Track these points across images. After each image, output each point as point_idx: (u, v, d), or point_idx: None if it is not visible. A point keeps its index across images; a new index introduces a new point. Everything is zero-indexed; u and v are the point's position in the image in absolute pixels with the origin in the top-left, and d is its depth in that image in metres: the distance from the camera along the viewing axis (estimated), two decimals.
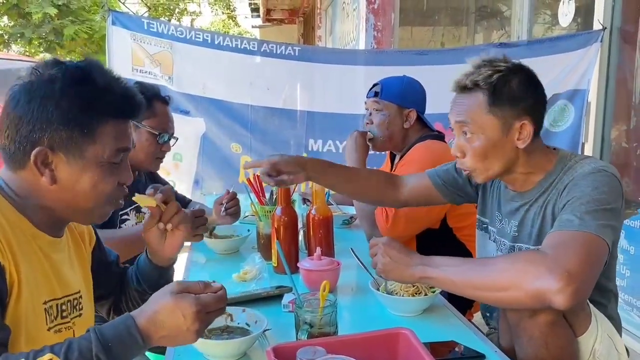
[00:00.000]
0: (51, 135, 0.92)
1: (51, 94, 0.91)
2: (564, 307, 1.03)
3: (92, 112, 0.94)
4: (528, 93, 1.29)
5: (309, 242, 1.71)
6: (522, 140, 1.28)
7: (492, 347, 1.18)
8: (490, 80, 1.26)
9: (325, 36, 8.12)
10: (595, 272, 1.09)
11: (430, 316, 1.34)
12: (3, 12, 12.77)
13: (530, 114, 1.28)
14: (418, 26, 5.51)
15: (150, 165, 1.87)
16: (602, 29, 3.03)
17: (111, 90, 0.96)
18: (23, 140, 0.92)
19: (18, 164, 0.95)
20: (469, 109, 1.30)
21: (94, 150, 0.95)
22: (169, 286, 0.92)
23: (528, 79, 1.30)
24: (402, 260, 1.24)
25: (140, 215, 1.82)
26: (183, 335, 0.89)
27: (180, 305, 0.88)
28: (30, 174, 0.94)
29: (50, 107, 0.91)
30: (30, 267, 0.93)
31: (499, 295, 1.10)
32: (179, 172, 3.44)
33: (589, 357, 1.20)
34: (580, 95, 3.18)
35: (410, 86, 2.05)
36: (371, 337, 1.02)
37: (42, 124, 0.91)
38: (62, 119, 0.92)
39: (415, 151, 1.95)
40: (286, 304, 1.36)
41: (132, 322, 0.87)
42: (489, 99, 1.27)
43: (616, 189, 1.21)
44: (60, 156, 0.94)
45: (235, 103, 3.45)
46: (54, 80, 0.92)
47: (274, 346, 0.95)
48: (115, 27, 3.25)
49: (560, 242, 1.11)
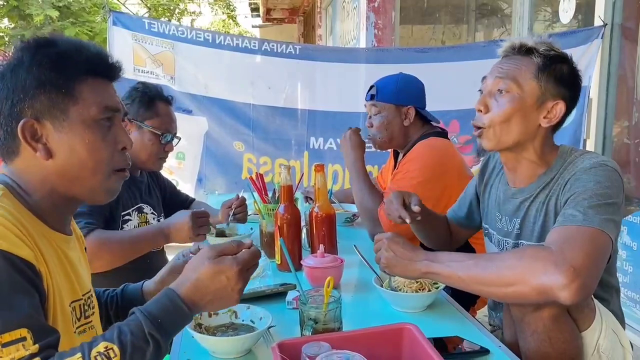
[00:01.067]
0: (30, 103, 0.89)
1: (20, 63, 0.89)
2: (570, 302, 1.03)
3: (66, 70, 0.91)
4: (573, 83, 1.32)
5: (312, 239, 1.72)
6: (548, 120, 1.30)
7: (497, 342, 1.18)
8: (548, 52, 1.29)
9: (325, 35, 8.12)
10: (600, 267, 1.09)
11: (434, 312, 1.34)
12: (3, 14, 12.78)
13: (565, 101, 1.30)
14: (418, 24, 5.51)
15: (153, 165, 1.87)
16: (603, 25, 3.03)
17: (82, 49, 0.93)
18: (7, 121, 0.89)
19: (12, 151, 0.92)
20: (516, 68, 1.30)
21: (77, 110, 0.91)
22: (204, 253, 0.93)
23: (576, 72, 1.34)
24: (406, 256, 1.24)
25: (143, 216, 1.82)
26: (228, 295, 0.92)
27: (221, 268, 0.90)
28: (26, 157, 0.91)
29: (22, 74, 0.88)
30: (56, 270, 0.91)
31: (505, 290, 1.10)
32: (182, 171, 3.47)
33: (593, 352, 1.20)
34: (581, 92, 3.18)
35: (406, 83, 2.05)
36: (375, 333, 1.02)
37: (19, 94, 0.88)
38: (37, 82, 0.89)
39: (417, 149, 1.95)
40: (290, 300, 1.37)
41: (174, 294, 0.89)
42: (541, 66, 1.28)
43: (617, 183, 1.22)
44: (46, 125, 0.90)
45: (237, 102, 3.47)
46: (21, 51, 0.90)
47: (279, 342, 0.96)
48: (116, 27, 3.26)
49: (565, 237, 1.11)
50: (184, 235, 1.66)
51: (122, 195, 1.74)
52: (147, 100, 1.81)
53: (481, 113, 1.33)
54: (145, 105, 1.80)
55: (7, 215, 0.84)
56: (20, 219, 0.87)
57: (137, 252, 1.64)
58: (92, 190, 0.97)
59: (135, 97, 1.81)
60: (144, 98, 1.81)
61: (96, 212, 1.61)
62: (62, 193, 0.95)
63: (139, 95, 1.81)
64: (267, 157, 3.53)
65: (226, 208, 2.00)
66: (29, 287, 0.80)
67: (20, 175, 0.93)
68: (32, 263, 0.82)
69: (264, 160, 3.54)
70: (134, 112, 1.79)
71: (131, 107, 1.79)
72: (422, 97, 2.07)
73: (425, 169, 1.86)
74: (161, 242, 1.71)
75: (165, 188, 2.11)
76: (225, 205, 2.02)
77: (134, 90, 1.84)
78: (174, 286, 0.91)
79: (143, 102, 1.80)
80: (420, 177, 1.84)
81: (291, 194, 1.66)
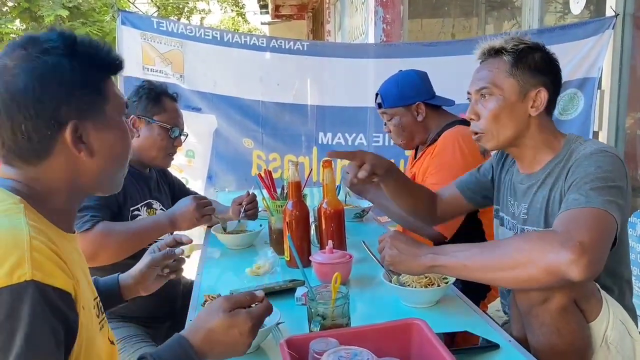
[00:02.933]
0: (77, 105, 0.87)
1: (61, 63, 0.85)
2: (579, 278, 1.01)
3: (98, 70, 0.91)
4: (548, 68, 1.36)
5: (321, 235, 1.72)
6: (535, 108, 1.34)
7: (507, 336, 1.17)
8: (516, 47, 1.34)
9: (334, 31, 8.10)
10: (606, 244, 1.09)
11: (443, 307, 1.34)
12: (15, 16, 12.90)
13: (546, 87, 1.34)
14: (428, 18, 5.48)
15: (162, 162, 1.89)
16: (615, 15, 2.99)
17: (101, 47, 0.93)
18: (47, 124, 0.85)
19: (39, 155, 0.87)
20: (490, 74, 1.37)
21: (110, 108, 0.92)
22: (218, 303, 0.94)
23: (550, 57, 1.37)
24: (410, 252, 1.24)
25: (152, 211, 1.83)
26: (237, 349, 0.93)
27: (236, 323, 0.91)
28: (58, 159, 0.88)
29: (67, 76, 0.85)
30: (80, 276, 0.88)
31: (513, 274, 1.08)
32: (192, 169, 3.49)
33: (601, 343, 1.19)
34: (590, 83, 3.14)
35: (407, 81, 2.05)
36: (384, 328, 1.02)
37: (65, 96, 0.85)
38: (81, 83, 0.87)
39: (445, 139, 1.94)
40: (299, 297, 1.37)
41: (187, 343, 0.90)
42: (512, 62, 1.34)
43: (619, 169, 1.23)
44: (87, 125, 0.89)
45: (246, 99, 3.48)
46: (54, 50, 0.85)
47: (288, 338, 0.96)
48: (125, 27, 3.28)
49: (570, 219, 1.11)
50: (189, 220, 1.71)
51: (130, 191, 1.76)
52: (154, 96, 1.84)
53: (474, 121, 1.40)
54: (153, 101, 1.83)
55: (41, 239, 0.80)
56: (51, 236, 0.84)
57: (143, 242, 1.65)
58: (115, 183, 1.00)
59: (142, 94, 1.83)
60: (151, 94, 1.83)
61: (103, 206, 1.63)
62: (84, 189, 0.95)
63: (145, 92, 1.84)
64: (276, 153, 3.54)
65: (237, 205, 2.01)
66: (59, 323, 0.77)
67: (39, 178, 0.89)
68: (68, 291, 0.79)
69: (273, 157, 3.54)
70: (142, 109, 1.81)
71: (139, 104, 1.82)
72: (426, 88, 2.07)
73: (462, 156, 1.88)
74: (167, 230, 1.72)
75: (174, 185, 2.13)
76: (236, 201, 2.03)
77: (140, 88, 1.86)
78: (186, 334, 0.92)
79: (150, 98, 1.83)
80: (456, 165, 1.85)
81: (299, 191, 1.66)
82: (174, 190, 2.09)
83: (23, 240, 0.77)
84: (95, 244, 1.54)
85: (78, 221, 1.53)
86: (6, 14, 13.04)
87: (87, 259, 1.51)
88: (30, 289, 0.74)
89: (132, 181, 1.77)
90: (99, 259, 1.57)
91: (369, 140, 3.53)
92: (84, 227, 1.54)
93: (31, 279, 0.74)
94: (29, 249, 0.76)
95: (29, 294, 0.74)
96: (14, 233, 0.78)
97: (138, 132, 1.81)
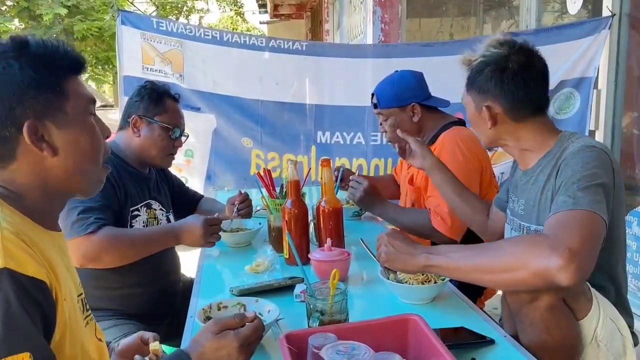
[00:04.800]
0: (31, 105, 0.89)
1: (10, 66, 0.88)
2: (568, 283, 1.04)
3: (55, 69, 0.93)
4: (493, 83, 1.39)
5: (320, 233, 1.74)
6: (491, 121, 1.41)
7: (502, 332, 1.19)
8: (470, 65, 1.43)
9: (332, 30, 8.12)
10: (595, 247, 1.11)
11: (440, 304, 1.36)
12: (14, 15, 12.89)
13: (496, 99, 1.39)
14: (426, 17, 5.49)
15: (162, 162, 1.89)
16: (611, 15, 3.01)
17: (58, 48, 0.95)
18: (4, 126, 0.88)
19: (6, 157, 0.91)
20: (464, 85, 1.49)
21: (71, 105, 0.94)
22: (207, 326, 0.99)
23: (500, 69, 1.38)
24: (406, 250, 1.26)
25: (151, 211, 1.84)
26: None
27: (223, 344, 0.96)
28: (24, 160, 0.91)
29: (16, 77, 0.88)
30: (61, 271, 0.91)
31: (504, 277, 1.11)
32: (191, 169, 3.49)
33: (591, 341, 1.21)
34: (586, 83, 3.16)
35: (402, 82, 2.07)
36: (381, 324, 1.04)
37: (16, 97, 0.88)
38: (33, 83, 0.89)
39: (444, 141, 1.96)
40: (298, 294, 1.39)
41: (186, 357, 0.94)
42: (468, 79, 1.46)
43: (605, 163, 1.24)
44: (47, 124, 0.91)
45: (245, 99, 3.48)
46: (3, 55, 0.89)
47: (287, 333, 0.98)
48: (125, 26, 3.28)
49: (559, 223, 1.13)
50: (195, 240, 1.68)
51: (131, 191, 1.76)
52: (156, 96, 1.83)
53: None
54: (155, 102, 1.83)
55: (12, 229, 0.84)
56: (24, 229, 0.87)
57: (147, 251, 1.67)
58: (89, 182, 1.00)
59: (144, 94, 1.83)
60: (152, 95, 1.83)
61: (106, 207, 1.63)
62: (60, 190, 0.97)
63: (147, 93, 1.84)
64: (275, 152, 3.55)
65: (230, 204, 2.03)
66: (35, 309, 0.80)
67: (12, 179, 0.92)
68: (41, 279, 0.82)
69: (272, 156, 3.55)
70: (144, 109, 1.82)
71: (140, 104, 1.82)
72: (422, 89, 2.08)
73: (462, 156, 1.90)
74: (172, 243, 1.74)
75: (174, 185, 2.14)
76: (230, 201, 2.05)
77: (142, 88, 1.86)
78: (187, 351, 0.96)
79: (152, 99, 1.83)
80: (457, 166, 1.86)
81: (298, 189, 1.68)
82: (173, 190, 2.10)
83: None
84: (99, 247, 1.55)
85: (82, 223, 1.54)
86: (5, 12, 13.03)
87: (89, 260, 1.55)
88: (3, 276, 0.77)
89: (132, 181, 1.78)
90: (101, 263, 1.58)
91: (367, 140, 3.54)
92: (89, 230, 1.54)
93: (4, 266, 0.78)
94: (0, 238, 0.80)
95: (3, 281, 0.77)
96: None
97: (139, 132, 1.81)
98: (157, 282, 1.82)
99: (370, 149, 3.53)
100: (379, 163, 3.54)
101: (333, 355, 0.88)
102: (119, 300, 1.73)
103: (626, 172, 3.04)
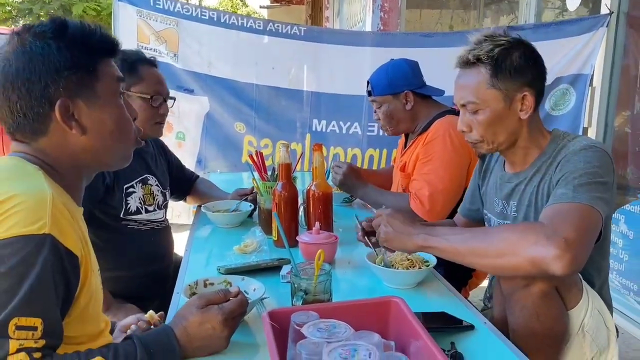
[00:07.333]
0: (65, 84, 0.94)
1: (48, 46, 0.93)
2: (562, 273, 1.05)
3: (90, 52, 0.97)
4: (529, 66, 1.32)
5: (309, 217, 1.75)
6: (525, 111, 1.34)
7: (483, 319, 1.21)
8: (491, 54, 1.30)
9: (332, 17, 8.07)
10: (590, 241, 1.12)
11: (424, 289, 1.37)
12: None
13: (531, 86, 1.32)
14: (426, 9, 5.47)
15: (151, 132, 1.82)
16: (609, 13, 3.01)
17: (95, 30, 1.00)
18: (39, 102, 0.93)
19: (39, 131, 0.96)
20: (471, 88, 1.34)
21: (102, 86, 0.98)
22: (192, 301, 1.02)
23: (529, 52, 1.33)
24: (405, 230, 1.27)
25: (147, 187, 1.82)
26: (215, 343, 1.00)
27: (207, 318, 0.99)
28: (55, 136, 0.96)
29: (54, 57, 0.93)
30: (89, 246, 0.97)
31: (499, 261, 1.12)
32: (182, 151, 3.46)
33: (578, 330, 1.23)
34: (582, 79, 3.17)
35: (396, 70, 2.08)
36: (363, 305, 1.05)
37: (52, 76, 0.93)
38: (69, 63, 0.94)
39: (436, 129, 1.98)
40: (284, 274, 1.40)
41: (171, 331, 0.97)
42: (491, 73, 1.31)
43: (607, 164, 1.25)
44: (79, 103, 0.96)
45: (240, 82, 3.46)
46: (43, 35, 0.94)
47: (270, 310, 0.99)
48: (121, 2, 3.26)
49: (557, 213, 1.14)
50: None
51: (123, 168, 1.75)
52: (128, 66, 1.72)
53: (466, 133, 1.40)
54: (127, 72, 1.68)
55: (61, 200, 0.89)
56: (66, 203, 0.92)
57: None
58: (116, 159, 1.06)
59: None
60: (124, 65, 1.65)
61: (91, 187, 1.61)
62: (88, 166, 1.03)
63: (118, 64, 1.76)
64: (268, 139, 3.52)
65: (239, 195, 2.05)
66: (61, 281, 0.85)
67: (48, 153, 0.98)
68: (77, 255, 0.88)
69: (265, 143, 3.53)
70: None
71: None
72: (416, 78, 2.09)
73: (452, 146, 1.91)
74: None
75: (172, 161, 2.12)
76: (239, 192, 2.07)
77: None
78: (171, 325, 0.99)
79: (124, 69, 1.63)
80: (447, 155, 1.90)
81: (289, 172, 1.68)
82: (171, 168, 2.08)
83: (46, 199, 0.86)
84: None
85: None
86: None
87: None
88: (47, 241, 0.82)
89: None
90: None
91: (363, 130, 3.53)
92: None
93: (49, 232, 0.83)
94: (51, 206, 0.85)
95: (45, 245, 0.82)
96: (38, 191, 0.87)
97: None
98: (147, 265, 1.81)
99: (366, 139, 3.53)
100: (373, 154, 3.53)
101: (314, 332, 0.89)
102: (105, 283, 1.71)
103: (617, 170, 3.06)
